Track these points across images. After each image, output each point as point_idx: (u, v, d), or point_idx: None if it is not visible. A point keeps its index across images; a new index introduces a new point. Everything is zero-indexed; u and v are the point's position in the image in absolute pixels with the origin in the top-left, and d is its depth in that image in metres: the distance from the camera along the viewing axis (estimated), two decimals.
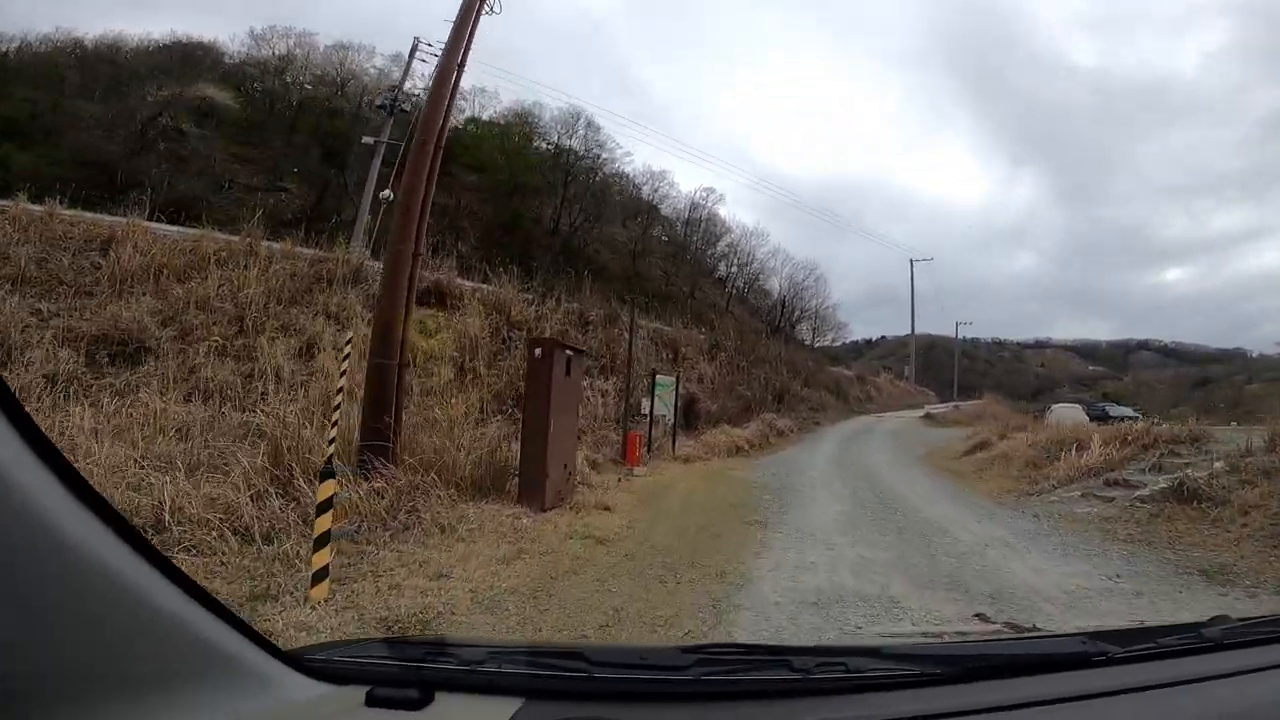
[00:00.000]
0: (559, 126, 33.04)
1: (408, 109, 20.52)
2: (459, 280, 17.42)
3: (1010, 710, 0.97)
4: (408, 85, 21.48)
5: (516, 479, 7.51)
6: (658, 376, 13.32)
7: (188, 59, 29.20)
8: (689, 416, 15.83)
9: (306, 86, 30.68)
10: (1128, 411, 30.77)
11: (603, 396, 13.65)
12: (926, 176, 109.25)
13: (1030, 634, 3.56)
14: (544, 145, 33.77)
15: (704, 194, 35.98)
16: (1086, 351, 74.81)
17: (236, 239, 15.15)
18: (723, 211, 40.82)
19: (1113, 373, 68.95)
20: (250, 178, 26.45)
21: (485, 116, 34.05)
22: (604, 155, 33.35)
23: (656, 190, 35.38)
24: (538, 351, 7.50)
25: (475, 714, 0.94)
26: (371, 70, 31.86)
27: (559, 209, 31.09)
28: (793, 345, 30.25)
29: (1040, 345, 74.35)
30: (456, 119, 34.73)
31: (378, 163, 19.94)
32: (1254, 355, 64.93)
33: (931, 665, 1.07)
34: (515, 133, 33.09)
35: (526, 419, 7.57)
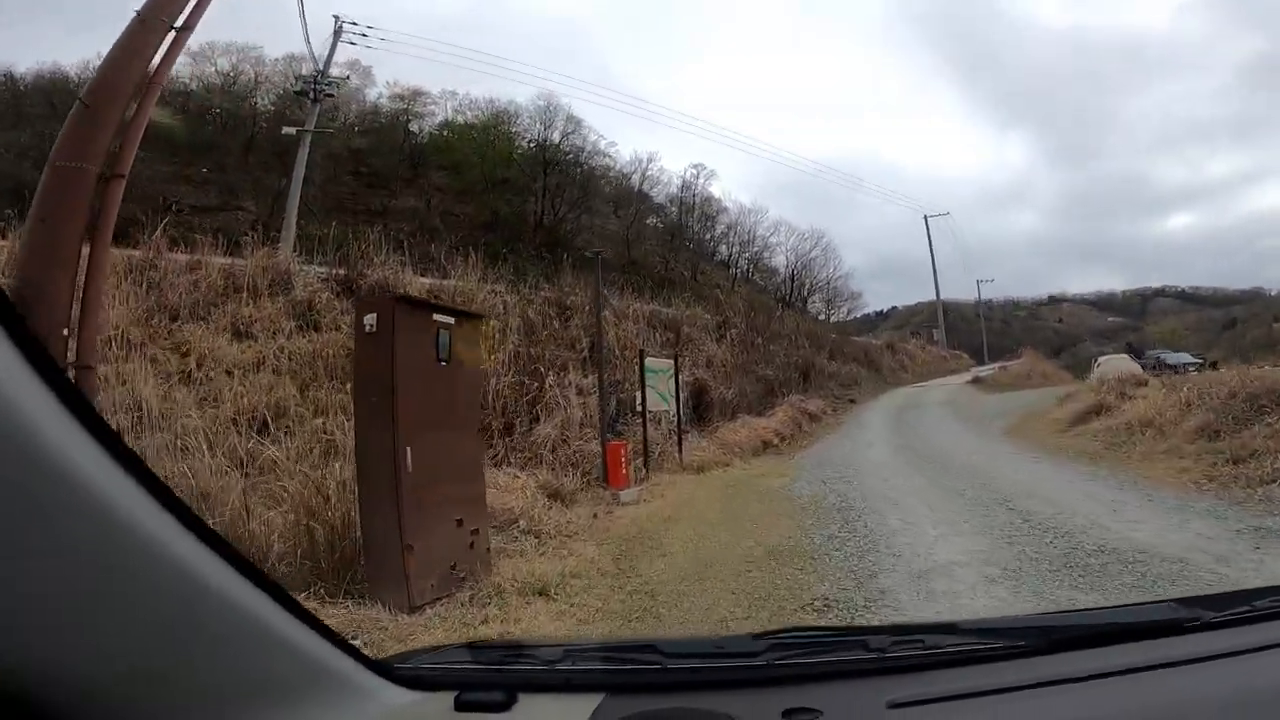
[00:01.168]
0: (538, 124, 29.24)
1: (333, 95, 17.04)
2: (417, 278, 13.80)
3: (1101, 679, 0.85)
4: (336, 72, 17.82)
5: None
6: (648, 360, 9.37)
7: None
8: (699, 409, 11.87)
9: (270, 107, 27.30)
10: (1187, 358, 26.12)
11: (580, 395, 9.75)
12: (918, 149, 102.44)
13: (1112, 605, 2.77)
14: (524, 144, 30.10)
15: (695, 170, 31.87)
16: (1103, 303, 68.80)
17: (138, 253, 11.63)
18: (717, 191, 36.49)
19: (1132, 323, 63.83)
20: (203, 198, 23.19)
21: (461, 120, 30.48)
22: (587, 148, 29.50)
23: (646, 175, 31.45)
24: (369, 321, 3.60)
25: (558, 712, 0.88)
26: (347, 79, 28.42)
27: (541, 201, 27.34)
28: (808, 319, 26.10)
29: (1055, 301, 68.28)
30: (430, 124, 31.44)
31: (304, 154, 16.36)
32: (1273, 293, 61.09)
33: (1014, 638, 0.95)
34: (493, 132, 29.43)
35: (359, 446, 3.71)
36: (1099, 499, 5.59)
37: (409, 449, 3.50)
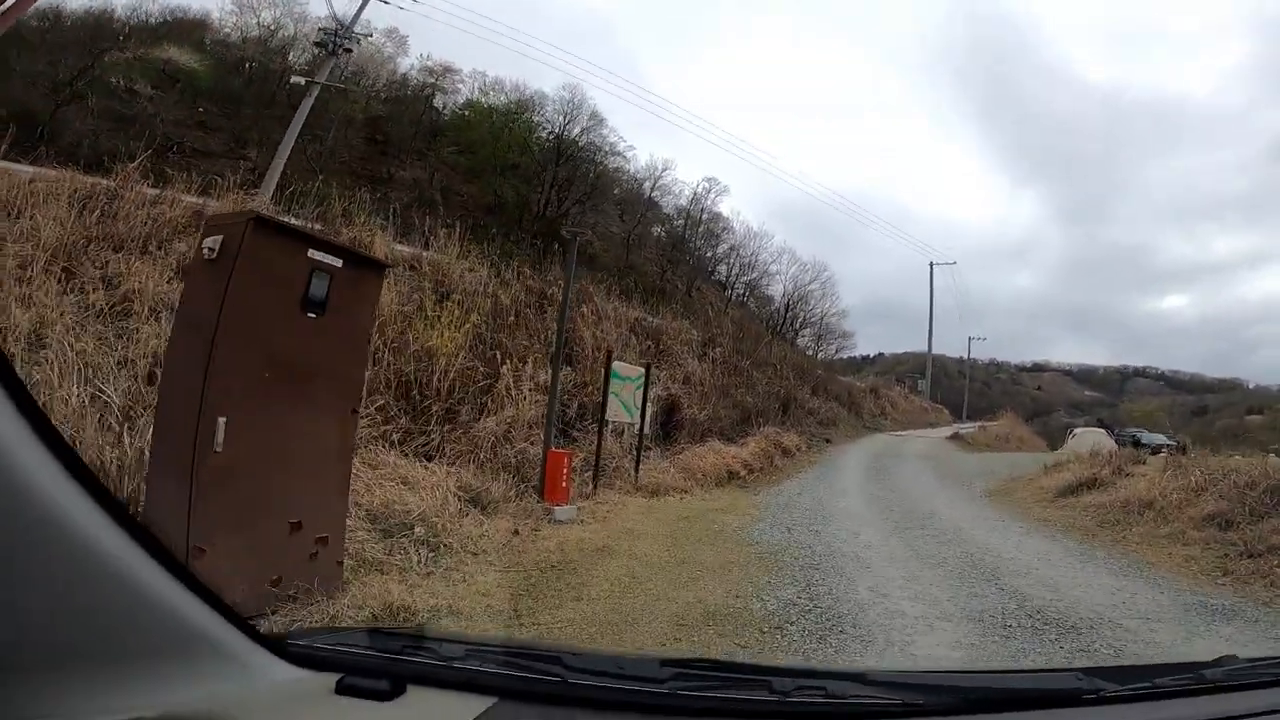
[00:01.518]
0: (561, 116, 28.33)
1: (351, 50, 16.07)
2: (396, 244, 12.72)
3: None
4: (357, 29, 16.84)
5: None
6: (615, 365, 8.36)
7: (175, 29, 25.07)
8: (667, 426, 10.85)
9: (303, 65, 26.31)
10: (1162, 439, 25.66)
11: (538, 393, 8.71)
12: (927, 197, 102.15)
13: (1023, 668, 2.80)
14: (543, 135, 29.17)
15: (707, 185, 30.98)
16: (1083, 376, 68.76)
17: (106, 182, 10.55)
18: (725, 209, 35.70)
19: (1109, 399, 63.82)
20: (211, 144, 22.11)
21: (484, 101, 29.55)
22: (605, 148, 28.61)
23: (659, 184, 30.60)
24: (209, 245, 2.58)
25: (445, 709, 0.84)
26: (370, 38, 27.46)
27: (547, 191, 26.41)
28: (796, 351, 25.20)
29: (1038, 368, 68.09)
30: (454, 101, 30.55)
31: (306, 105, 15.38)
32: (1251, 386, 61.51)
33: (916, 695, 0.91)
34: (513, 117, 28.51)
35: (160, 407, 2.68)
36: (1102, 585, 4.63)
37: (222, 419, 2.46)
